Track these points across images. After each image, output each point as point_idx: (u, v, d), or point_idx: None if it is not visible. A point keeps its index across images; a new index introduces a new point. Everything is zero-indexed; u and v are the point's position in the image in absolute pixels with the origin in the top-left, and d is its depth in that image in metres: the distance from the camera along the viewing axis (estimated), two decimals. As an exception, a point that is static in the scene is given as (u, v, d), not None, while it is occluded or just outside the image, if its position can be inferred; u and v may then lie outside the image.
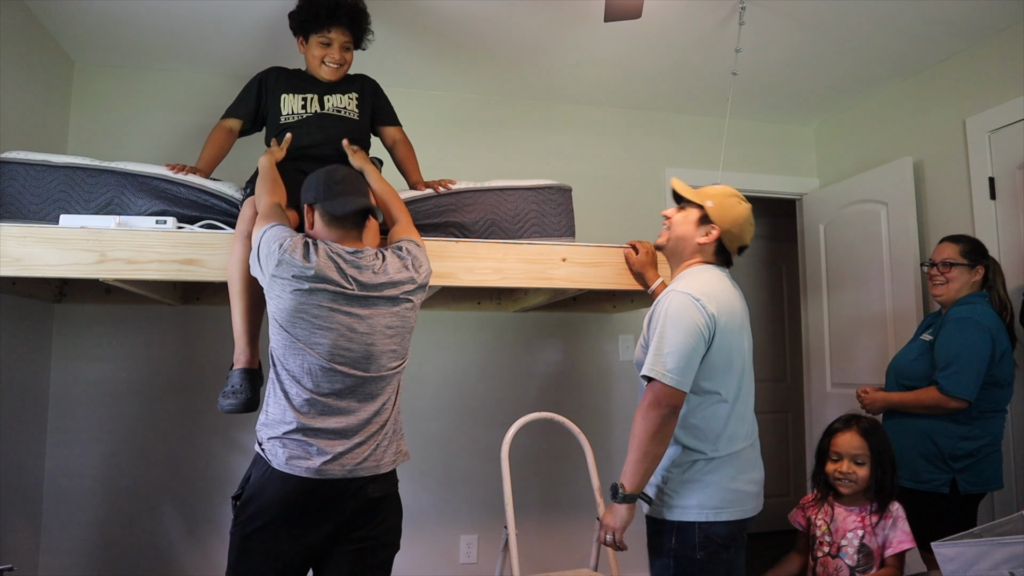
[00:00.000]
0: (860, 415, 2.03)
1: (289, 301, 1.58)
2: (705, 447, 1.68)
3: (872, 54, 2.87)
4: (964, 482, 2.17)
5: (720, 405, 1.71)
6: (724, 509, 1.65)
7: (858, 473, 1.89)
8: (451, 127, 3.26)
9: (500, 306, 3.07)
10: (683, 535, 1.65)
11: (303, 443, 1.56)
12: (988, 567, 1.46)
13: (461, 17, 2.56)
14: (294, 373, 1.59)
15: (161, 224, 1.88)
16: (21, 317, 2.51)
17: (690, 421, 1.69)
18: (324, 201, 1.68)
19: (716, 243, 1.82)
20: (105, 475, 2.75)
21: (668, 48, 2.82)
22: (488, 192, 2.23)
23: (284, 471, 1.55)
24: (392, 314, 1.68)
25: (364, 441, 1.62)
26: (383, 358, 1.66)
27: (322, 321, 1.58)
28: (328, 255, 1.61)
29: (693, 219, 1.83)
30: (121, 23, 2.58)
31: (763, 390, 4.44)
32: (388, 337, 1.67)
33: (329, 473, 1.56)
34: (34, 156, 1.99)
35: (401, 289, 1.69)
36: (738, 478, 1.69)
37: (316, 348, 1.58)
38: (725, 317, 1.69)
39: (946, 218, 2.89)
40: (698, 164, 3.52)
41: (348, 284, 1.61)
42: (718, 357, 1.69)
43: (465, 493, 3.07)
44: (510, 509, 2.22)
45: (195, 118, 2.98)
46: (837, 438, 1.95)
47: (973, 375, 2.15)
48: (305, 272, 1.57)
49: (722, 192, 1.86)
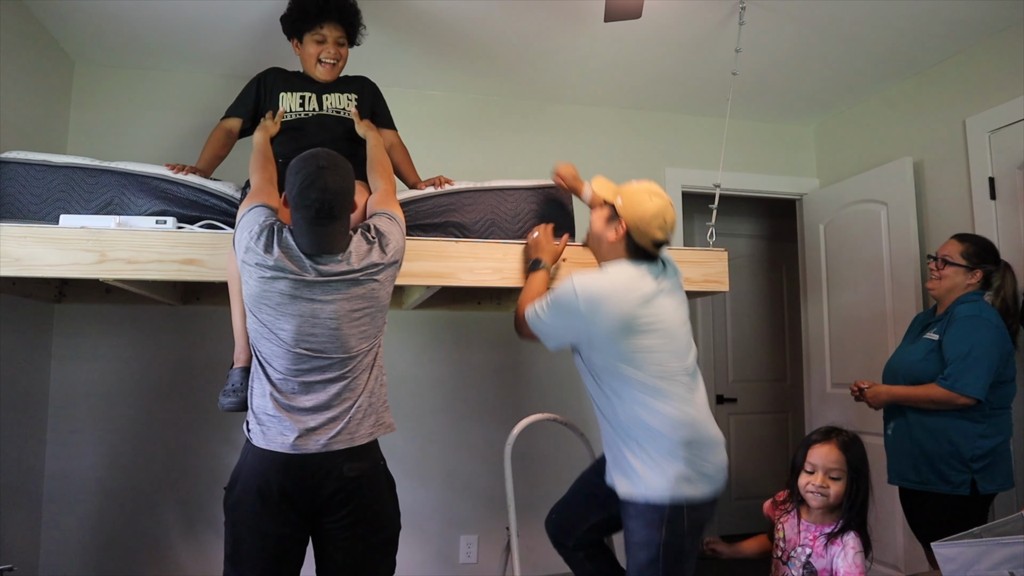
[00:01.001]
0: (840, 427, 1.89)
1: (255, 287, 1.61)
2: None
3: (872, 54, 2.87)
4: (983, 482, 2.14)
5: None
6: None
7: (831, 488, 1.78)
8: (451, 127, 3.26)
9: (500, 306, 3.06)
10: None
11: (278, 419, 1.60)
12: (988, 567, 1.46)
13: (460, 17, 2.56)
14: (265, 356, 1.63)
15: (161, 224, 1.88)
16: (21, 317, 2.51)
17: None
18: (293, 202, 1.61)
19: (626, 239, 1.84)
20: (105, 475, 2.75)
21: (668, 48, 2.82)
22: (488, 192, 2.22)
23: (261, 447, 1.60)
24: (358, 296, 1.65)
25: (337, 416, 1.63)
26: (351, 340, 1.65)
27: (284, 308, 1.60)
28: (289, 245, 1.61)
29: (604, 216, 1.89)
30: (121, 23, 2.59)
31: (763, 390, 4.46)
32: (355, 320, 1.65)
33: (303, 448, 1.58)
34: (34, 156, 1.99)
35: (365, 273, 1.67)
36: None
37: (281, 334, 1.60)
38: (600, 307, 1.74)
39: (946, 218, 2.89)
40: (698, 164, 3.53)
41: (307, 272, 1.60)
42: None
43: (465, 493, 3.07)
44: (512, 510, 2.22)
45: (195, 118, 2.98)
46: (814, 449, 1.83)
47: (984, 372, 2.13)
48: (265, 261, 1.59)
49: (635, 189, 1.89)
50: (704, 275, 2.27)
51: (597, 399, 1.84)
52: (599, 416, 1.86)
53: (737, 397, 4.37)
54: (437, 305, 2.94)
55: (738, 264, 4.42)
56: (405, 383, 3.05)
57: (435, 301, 2.86)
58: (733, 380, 4.40)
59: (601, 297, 1.73)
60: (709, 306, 4.39)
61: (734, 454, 4.34)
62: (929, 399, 2.21)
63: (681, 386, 1.77)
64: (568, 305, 1.75)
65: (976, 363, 2.14)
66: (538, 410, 3.08)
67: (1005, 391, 2.22)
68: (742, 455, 4.33)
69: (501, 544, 2.29)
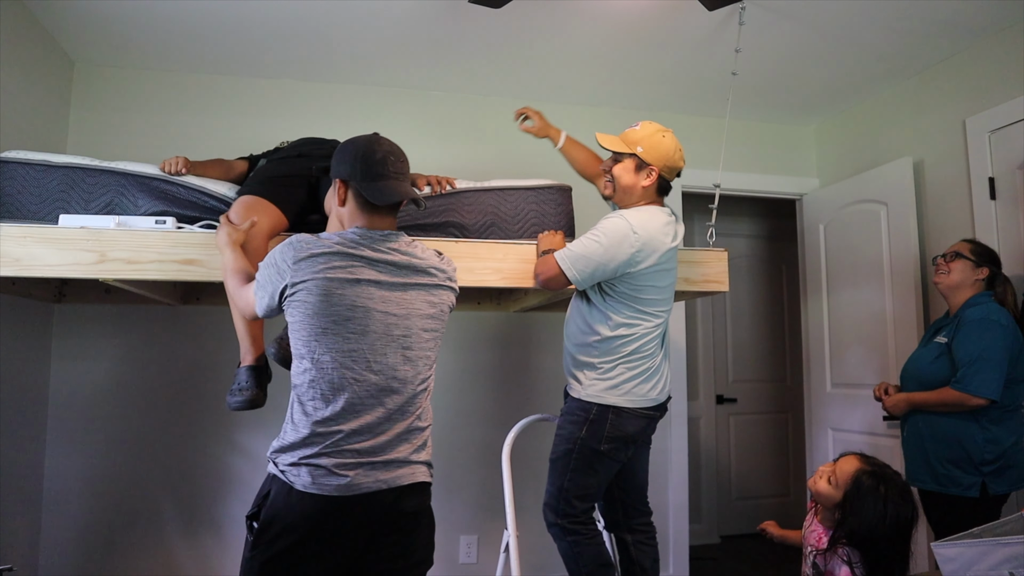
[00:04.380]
0: (886, 469, 1.81)
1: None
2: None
3: (872, 54, 2.87)
4: (994, 484, 2.16)
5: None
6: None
7: (821, 485, 1.81)
8: (451, 127, 3.26)
9: (500, 306, 3.07)
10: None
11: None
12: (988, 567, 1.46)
13: (460, 16, 2.56)
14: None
15: (160, 224, 1.88)
16: (21, 317, 2.51)
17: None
18: (361, 182, 1.52)
19: (658, 181, 2.08)
20: (105, 475, 2.75)
21: (668, 48, 2.82)
22: (488, 192, 2.22)
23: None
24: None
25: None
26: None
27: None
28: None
29: (631, 168, 2.09)
30: (121, 23, 2.59)
31: (763, 390, 4.46)
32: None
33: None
34: (34, 156, 1.99)
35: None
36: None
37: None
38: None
39: (946, 218, 2.89)
40: (698, 164, 3.52)
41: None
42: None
43: (465, 493, 3.07)
44: (511, 510, 2.22)
45: (195, 118, 2.98)
46: (849, 455, 1.86)
47: (996, 373, 2.15)
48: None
49: (647, 134, 2.11)
50: (704, 275, 2.27)
51: (585, 315, 2.06)
52: (576, 331, 2.09)
53: (737, 397, 4.37)
54: (437, 305, 2.93)
55: (738, 264, 4.42)
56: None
57: (435, 301, 2.86)
58: (733, 380, 4.40)
59: (651, 235, 1.95)
60: (709, 306, 4.38)
61: (734, 454, 4.34)
62: (943, 403, 2.23)
63: (661, 325, 2.06)
64: (623, 238, 1.93)
65: (987, 364, 2.16)
66: (537, 410, 3.09)
67: (1017, 391, 2.23)
68: (742, 455, 4.34)
69: (501, 544, 2.29)
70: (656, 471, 3.31)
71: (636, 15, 2.55)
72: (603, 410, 1.99)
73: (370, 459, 1.42)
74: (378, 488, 1.41)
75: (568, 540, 2.01)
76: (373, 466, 1.42)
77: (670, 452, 3.34)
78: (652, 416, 2.06)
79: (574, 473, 1.99)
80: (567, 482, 2.00)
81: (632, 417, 2.00)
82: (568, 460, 2.00)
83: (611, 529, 2.23)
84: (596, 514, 2.17)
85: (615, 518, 2.20)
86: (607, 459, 2.01)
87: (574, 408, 2.04)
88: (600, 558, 2.01)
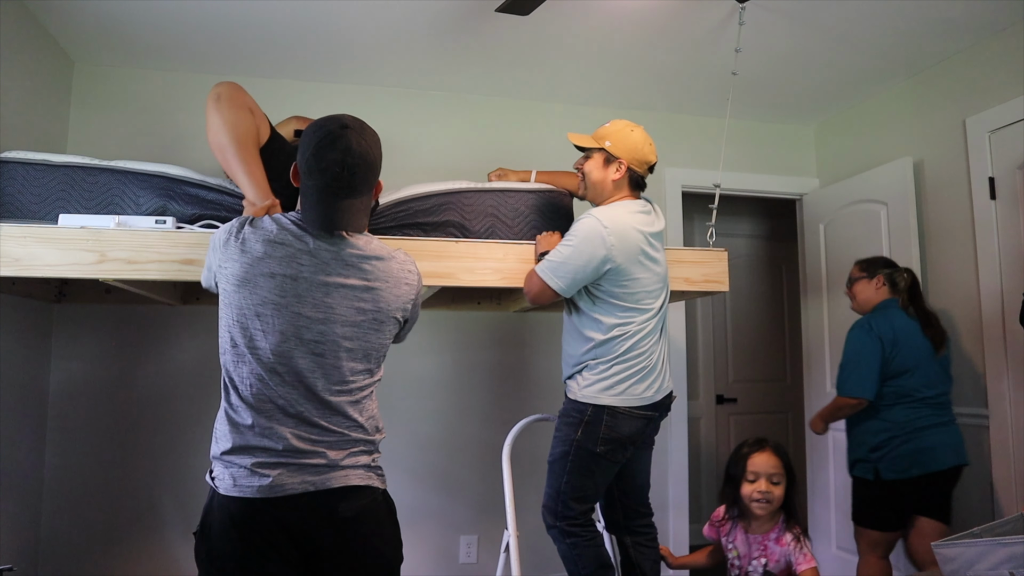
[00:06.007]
0: (766, 437, 2.09)
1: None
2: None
3: (872, 54, 2.87)
4: (884, 470, 2.42)
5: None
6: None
7: (774, 492, 1.92)
8: (451, 127, 3.26)
9: (500, 306, 3.06)
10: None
11: None
12: (988, 567, 1.46)
13: (459, 17, 2.56)
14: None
15: (160, 224, 1.88)
16: (21, 317, 2.51)
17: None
18: (303, 183, 1.38)
19: (628, 174, 2.07)
20: (105, 475, 2.75)
21: (668, 48, 2.82)
22: (488, 192, 2.22)
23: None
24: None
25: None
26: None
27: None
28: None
29: (600, 162, 2.09)
30: (121, 23, 2.59)
31: (763, 390, 4.46)
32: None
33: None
34: (33, 155, 1.99)
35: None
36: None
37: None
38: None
39: (946, 218, 2.89)
40: (698, 164, 3.53)
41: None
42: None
43: (465, 493, 3.07)
44: (511, 510, 2.22)
45: (195, 118, 2.98)
46: (753, 459, 1.98)
47: (864, 373, 2.41)
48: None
49: (615, 128, 2.10)
50: (704, 275, 2.27)
51: (578, 326, 2.05)
52: (572, 344, 2.08)
53: (737, 397, 4.37)
54: (437, 305, 2.94)
55: (738, 264, 4.42)
56: (404, 383, 3.05)
57: (435, 301, 2.86)
58: (733, 380, 4.40)
59: (623, 228, 1.95)
60: (709, 306, 4.39)
61: (734, 454, 4.34)
62: (836, 410, 2.55)
63: (650, 319, 2.02)
64: (595, 236, 1.92)
65: (854, 367, 2.45)
66: (538, 410, 3.09)
67: (897, 386, 2.42)
68: (742, 455, 4.34)
69: (501, 544, 2.29)
70: (656, 471, 3.30)
71: (635, 15, 2.55)
72: (598, 411, 1.97)
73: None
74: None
75: (567, 542, 2.00)
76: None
77: (670, 452, 3.34)
78: (649, 416, 2.04)
79: (571, 475, 1.99)
80: (564, 484, 2.00)
81: (628, 418, 1.98)
82: (565, 462, 2.00)
83: (611, 530, 2.23)
84: (596, 515, 2.17)
85: (615, 519, 2.20)
86: (604, 461, 2.00)
87: (569, 410, 2.04)
88: (599, 559, 2.01)
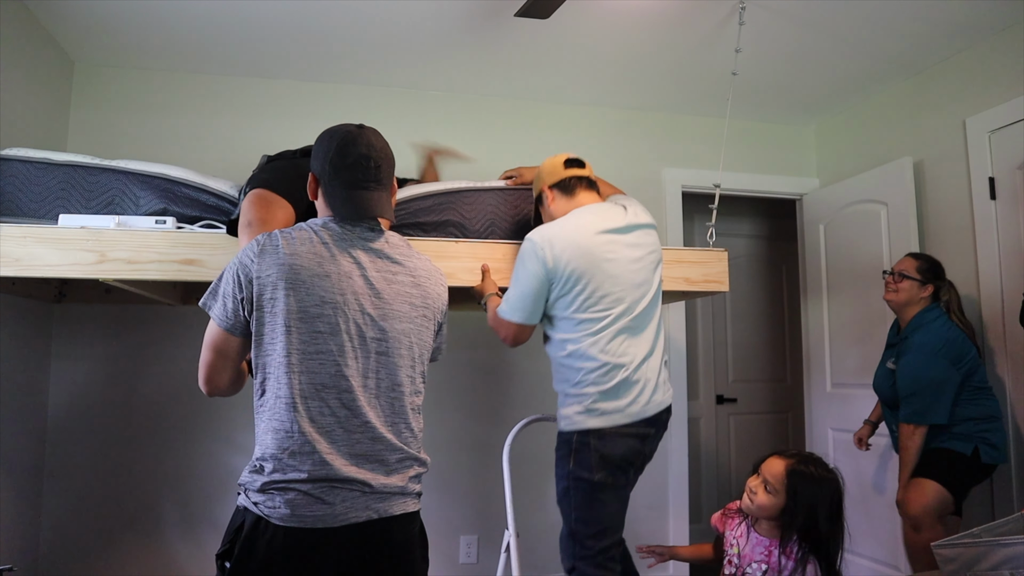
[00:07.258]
0: (816, 458, 1.84)
1: None
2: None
3: (872, 54, 2.87)
4: (984, 452, 2.35)
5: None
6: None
7: (759, 497, 1.78)
8: (451, 127, 3.26)
9: (500, 306, 3.06)
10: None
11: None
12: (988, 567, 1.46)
13: (459, 17, 2.56)
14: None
15: (160, 224, 1.88)
16: (21, 317, 2.51)
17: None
18: (328, 185, 1.42)
19: (556, 193, 2.04)
20: (105, 474, 2.75)
21: (668, 48, 2.82)
22: (488, 192, 2.22)
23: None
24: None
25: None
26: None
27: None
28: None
29: (541, 206, 2.10)
30: (121, 23, 2.59)
31: (763, 390, 4.46)
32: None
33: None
34: (34, 154, 1.98)
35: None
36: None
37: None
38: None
39: (946, 218, 2.89)
40: (698, 164, 3.53)
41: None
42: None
43: (465, 493, 3.07)
44: (511, 510, 2.22)
45: (195, 118, 2.98)
46: (771, 459, 1.85)
47: (940, 399, 2.32)
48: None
49: (532, 177, 2.18)
50: (704, 275, 2.27)
51: (552, 352, 1.98)
52: (556, 373, 1.99)
53: (737, 397, 4.37)
54: (437, 305, 2.93)
55: (738, 264, 4.41)
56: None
57: (435, 301, 2.86)
58: (733, 380, 4.40)
59: (554, 235, 1.88)
60: (709, 306, 4.38)
61: (734, 454, 4.34)
62: (913, 449, 2.38)
63: (609, 326, 1.87)
64: (529, 256, 1.89)
65: (928, 394, 2.34)
66: (537, 410, 3.09)
67: (979, 379, 2.39)
68: (742, 455, 4.33)
69: (501, 544, 2.29)
70: (656, 471, 3.32)
71: (635, 15, 2.54)
72: (583, 436, 1.84)
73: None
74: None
75: None
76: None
77: (670, 452, 3.34)
78: (643, 434, 1.88)
79: (578, 511, 1.85)
80: (574, 523, 1.86)
81: (618, 437, 1.84)
82: (568, 499, 1.87)
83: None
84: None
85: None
86: (608, 488, 1.85)
87: (559, 443, 1.92)
88: None
